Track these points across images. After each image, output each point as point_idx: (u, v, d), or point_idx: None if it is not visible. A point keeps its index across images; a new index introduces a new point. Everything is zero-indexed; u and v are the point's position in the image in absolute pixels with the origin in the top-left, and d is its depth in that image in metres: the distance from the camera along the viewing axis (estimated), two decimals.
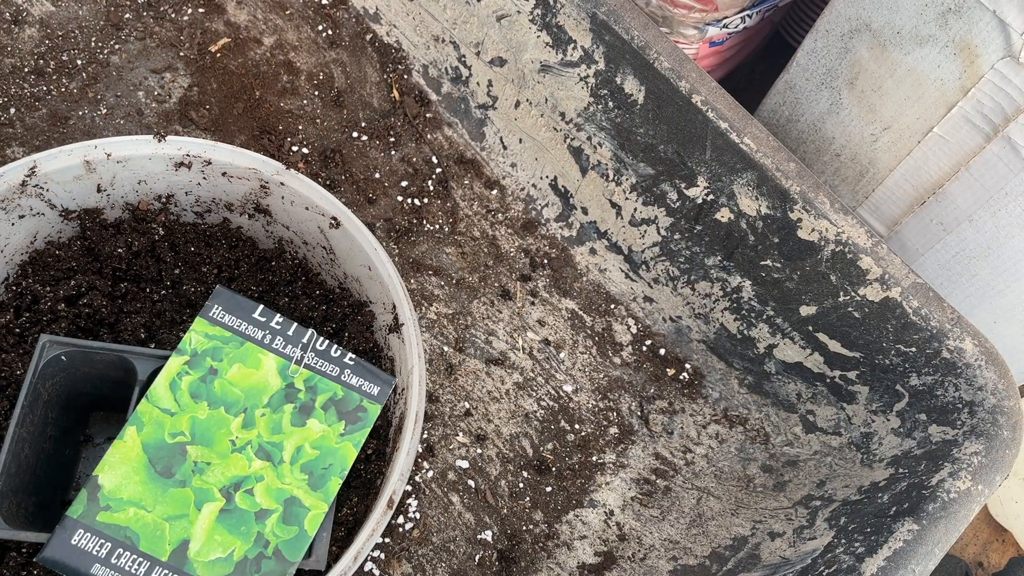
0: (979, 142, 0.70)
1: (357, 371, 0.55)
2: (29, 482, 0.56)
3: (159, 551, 0.49)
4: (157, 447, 0.51)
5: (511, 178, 0.80)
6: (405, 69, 0.82)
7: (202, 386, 0.53)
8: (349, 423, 0.55)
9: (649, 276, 0.76)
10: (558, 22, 0.70)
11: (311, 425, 0.54)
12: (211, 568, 0.50)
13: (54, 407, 0.59)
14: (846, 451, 0.66)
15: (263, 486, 0.52)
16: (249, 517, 0.51)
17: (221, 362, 0.53)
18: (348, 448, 0.54)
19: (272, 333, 0.54)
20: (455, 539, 0.66)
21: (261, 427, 0.53)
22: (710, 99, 0.64)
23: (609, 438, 0.71)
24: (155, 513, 0.50)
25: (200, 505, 0.51)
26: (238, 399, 0.53)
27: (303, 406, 0.54)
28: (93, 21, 0.80)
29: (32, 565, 0.58)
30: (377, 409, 0.55)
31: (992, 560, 0.99)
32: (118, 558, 0.49)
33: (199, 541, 0.50)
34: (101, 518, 0.49)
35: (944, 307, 0.61)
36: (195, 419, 0.52)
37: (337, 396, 0.55)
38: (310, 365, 0.55)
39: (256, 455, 0.53)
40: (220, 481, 0.51)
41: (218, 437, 0.52)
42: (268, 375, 0.54)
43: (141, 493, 0.50)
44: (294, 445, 0.53)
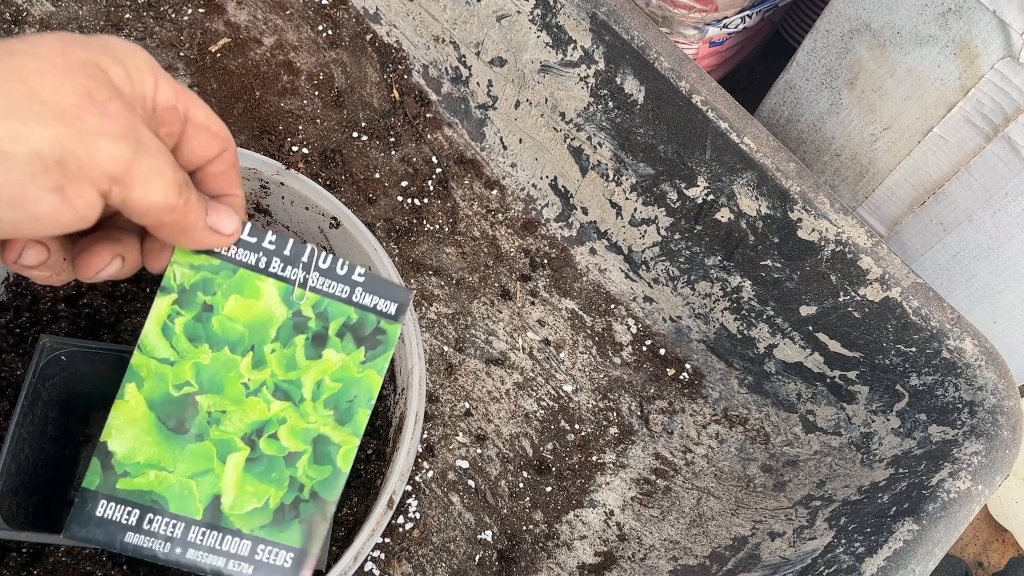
0: (979, 142, 0.70)
1: (369, 287, 0.49)
2: (29, 482, 0.56)
3: (191, 510, 0.46)
4: (163, 403, 0.46)
5: (511, 178, 0.80)
6: (405, 69, 0.82)
7: (199, 326, 0.47)
8: (369, 349, 0.49)
9: (649, 276, 0.76)
10: (558, 22, 0.70)
11: (328, 356, 0.48)
12: (249, 519, 0.47)
13: (54, 407, 0.59)
14: (846, 451, 0.66)
15: (287, 428, 0.48)
16: (278, 462, 0.47)
17: (215, 296, 0.47)
18: (371, 376, 0.49)
19: (267, 255, 0.47)
20: (455, 539, 0.66)
21: (274, 365, 0.48)
22: (710, 99, 0.64)
23: (609, 438, 0.71)
24: (177, 473, 0.46)
25: (223, 457, 0.47)
26: (242, 336, 0.48)
27: (316, 336, 0.48)
28: (93, 21, 0.80)
29: (33, 565, 0.58)
30: (397, 329, 0.49)
31: (992, 560, 0.99)
32: (149, 523, 0.45)
33: (231, 494, 0.47)
34: (121, 485, 0.45)
35: (944, 307, 0.61)
36: (199, 365, 0.47)
37: (351, 320, 0.48)
38: (316, 288, 0.48)
39: (274, 396, 0.48)
40: (240, 429, 0.47)
41: (228, 382, 0.47)
42: (271, 304, 0.48)
43: (158, 454, 0.46)
44: (313, 380, 0.48)
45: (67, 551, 0.59)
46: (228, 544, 0.46)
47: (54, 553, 0.58)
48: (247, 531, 0.46)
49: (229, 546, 0.46)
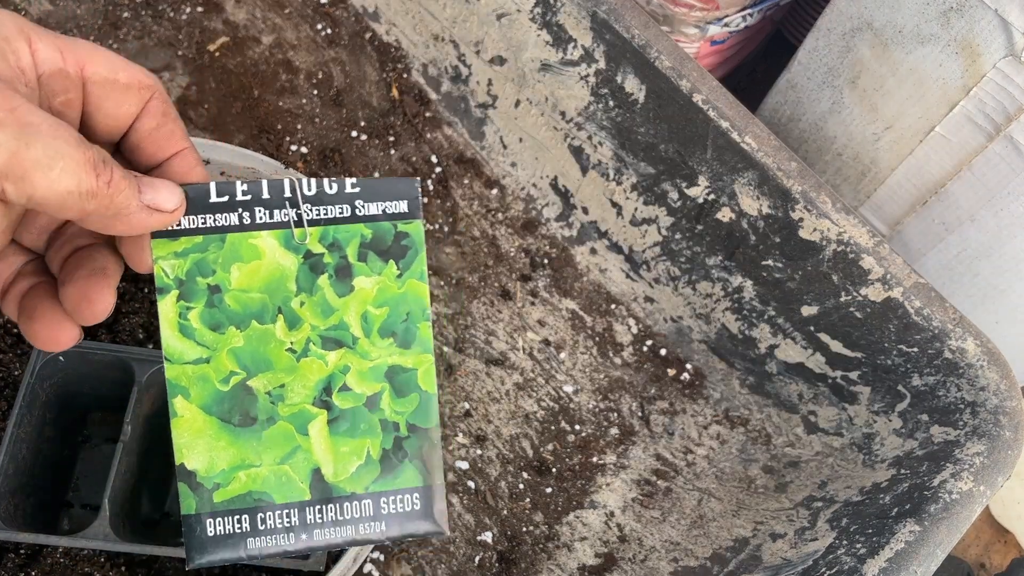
0: (981, 141, 0.69)
1: (369, 195, 0.44)
2: (27, 483, 0.56)
3: (298, 494, 0.43)
4: (218, 402, 0.43)
5: (511, 177, 0.80)
6: (404, 68, 0.82)
7: (215, 312, 0.43)
8: (399, 259, 0.44)
9: (650, 276, 0.75)
10: (558, 21, 0.69)
11: (359, 285, 0.44)
12: (358, 479, 0.43)
13: (52, 408, 0.58)
14: (848, 452, 0.66)
15: (354, 374, 0.44)
16: (360, 412, 0.44)
17: (215, 274, 0.43)
18: (414, 285, 0.44)
19: (247, 207, 0.42)
20: (455, 540, 0.65)
21: (309, 318, 0.44)
22: (711, 98, 0.64)
23: (610, 439, 0.71)
24: (266, 463, 0.43)
25: (304, 430, 0.43)
26: (264, 303, 0.44)
27: (338, 269, 0.44)
28: (91, 20, 0.80)
29: (31, 566, 0.58)
30: (418, 226, 0.45)
31: (994, 561, 0.99)
32: (263, 523, 0.42)
33: (329, 463, 0.43)
34: (218, 498, 0.42)
35: (946, 307, 0.60)
36: (235, 351, 0.43)
37: (366, 237, 0.44)
38: (314, 219, 0.44)
39: (324, 348, 0.44)
40: (306, 396, 0.44)
41: (273, 354, 0.44)
42: (277, 258, 0.43)
43: (238, 454, 0.43)
44: (356, 316, 0.44)
45: (65, 552, 0.58)
46: (349, 511, 0.43)
47: (52, 554, 0.58)
48: (362, 491, 0.43)
49: (352, 512, 0.43)
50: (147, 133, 0.36)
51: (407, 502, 0.44)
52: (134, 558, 0.59)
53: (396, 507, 0.44)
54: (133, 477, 0.58)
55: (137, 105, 0.35)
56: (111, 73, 0.34)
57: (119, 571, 0.58)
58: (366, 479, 0.43)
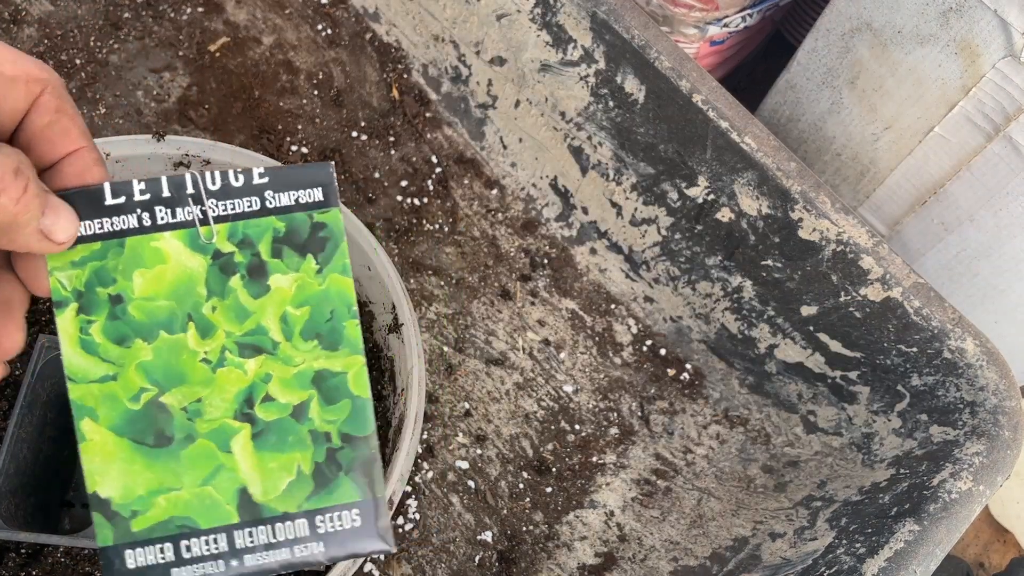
0: (980, 141, 0.70)
1: (279, 184, 0.40)
2: (27, 483, 0.56)
3: (223, 517, 0.39)
4: (129, 422, 0.39)
5: (511, 177, 0.80)
6: (405, 68, 0.82)
7: (119, 324, 0.39)
8: (317, 252, 0.41)
9: (649, 276, 0.75)
10: (558, 21, 0.70)
11: (276, 284, 0.41)
12: (289, 498, 0.40)
13: (52, 408, 0.59)
14: (847, 451, 0.66)
15: (277, 383, 0.41)
16: (287, 424, 0.40)
17: (116, 283, 0.39)
18: (337, 280, 0.41)
19: (146, 207, 0.38)
20: (455, 540, 0.65)
21: (223, 324, 0.40)
22: (711, 98, 0.64)
23: (609, 439, 0.71)
24: (187, 486, 0.39)
25: (226, 447, 0.40)
26: (171, 311, 0.40)
27: (251, 268, 0.40)
28: (92, 20, 0.80)
29: (31, 565, 0.58)
30: (336, 215, 0.41)
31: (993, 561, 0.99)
32: (188, 550, 0.39)
33: (256, 481, 0.40)
34: (137, 527, 0.39)
35: (945, 307, 0.61)
36: (144, 365, 0.39)
37: (279, 231, 0.40)
38: (221, 215, 0.40)
39: (243, 356, 0.40)
40: (226, 409, 0.40)
41: (186, 366, 0.40)
42: (182, 260, 0.39)
43: (155, 478, 0.39)
44: (275, 318, 0.41)
45: (66, 551, 0.58)
46: (283, 532, 0.40)
47: (52, 553, 0.58)
48: (295, 510, 0.40)
49: (285, 533, 0.40)
50: (39, 130, 0.32)
51: (346, 519, 0.40)
52: None
53: (334, 525, 0.40)
54: None
55: (25, 100, 0.32)
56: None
57: None
58: (299, 496, 0.40)
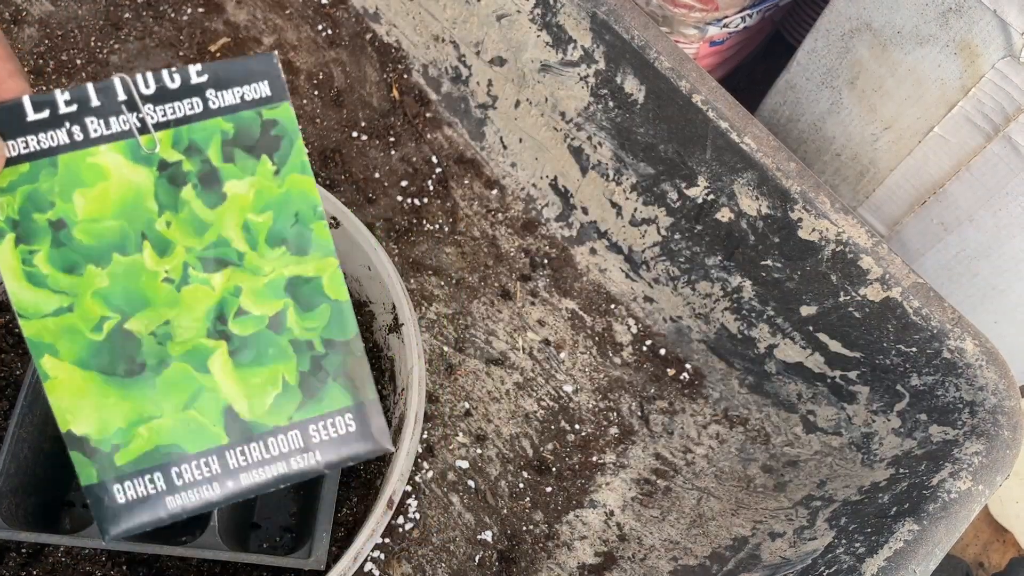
0: (980, 142, 0.70)
1: (220, 82, 0.36)
2: (28, 482, 0.56)
3: (213, 439, 0.37)
4: (95, 354, 0.36)
5: (511, 178, 0.80)
6: (405, 68, 0.82)
7: (66, 251, 0.36)
8: (272, 152, 0.37)
9: (649, 276, 0.75)
10: (558, 21, 0.70)
11: (232, 190, 0.37)
12: (278, 411, 0.38)
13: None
14: (847, 451, 0.66)
15: (249, 295, 0.38)
16: (265, 336, 0.38)
17: (54, 207, 0.35)
18: (297, 181, 0.38)
19: (75, 120, 0.35)
20: (455, 539, 0.65)
21: (181, 239, 0.37)
22: (710, 99, 0.64)
23: (609, 438, 0.71)
24: (168, 413, 0.37)
25: (203, 367, 0.37)
26: (122, 230, 0.36)
27: (202, 176, 0.37)
28: (92, 21, 0.80)
29: (32, 565, 0.58)
30: (287, 109, 0.38)
31: (993, 560, 0.99)
32: (180, 477, 0.37)
33: (241, 398, 0.38)
34: (121, 460, 0.36)
35: (945, 307, 0.61)
36: (101, 292, 0.36)
37: (228, 133, 0.37)
38: (162, 122, 0.36)
39: (207, 271, 0.37)
40: (198, 329, 0.37)
41: (147, 288, 0.37)
42: (125, 174, 0.36)
43: (134, 408, 0.37)
44: (236, 227, 0.37)
45: (66, 551, 0.58)
46: (275, 446, 0.38)
47: (53, 553, 0.58)
48: (285, 423, 0.38)
49: (278, 447, 0.38)
50: None
51: (340, 424, 0.39)
52: (135, 557, 0.60)
53: (328, 432, 0.38)
54: None
55: None
56: None
57: (120, 570, 0.59)
58: (288, 409, 0.38)
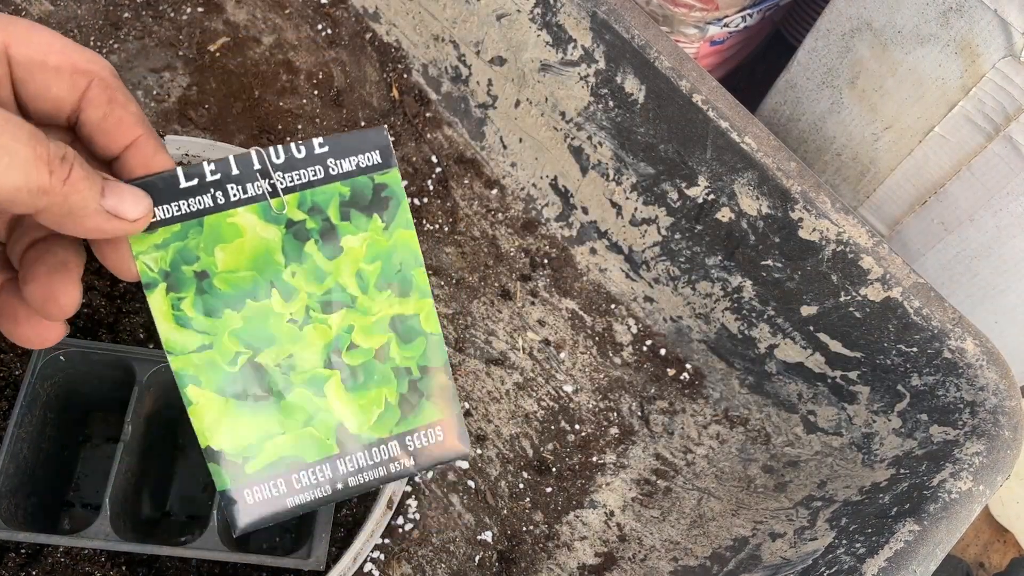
0: (980, 141, 0.70)
1: (339, 152, 0.43)
2: (28, 482, 0.56)
3: (326, 450, 0.44)
4: (231, 383, 0.43)
5: (511, 177, 0.80)
6: (405, 68, 0.82)
7: (208, 298, 0.42)
8: (382, 211, 0.44)
9: (649, 276, 0.75)
10: (558, 21, 0.70)
11: (347, 244, 0.44)
12: (381, 426, 0.45)
13: (53, 407, 0.59)
14: (847, 451, 0.66)
15: (359, 331, 0.45)
16: (371, 366, 0.45)
17: (199, 260, 0.42)
18: (402, 235, 0.44)
19: (218, 187, 0.41)
20: (455, 540, 0.65)
21: (304, 286, 0.44)
22: (711, 98, 0.64)
23: (609, 438, 0.71)
24: (290, 430, 0.44)
25: (320, 393, 0.44)
26: (255, 280, 0.43)
27: (323, 233, 0.43)
28: (92, 20, 0.80)
29: (31, 565, 0.58)
30: (395, 173, 0.44)
31: (993, 561, 0.99)
32: (299, 481, 0.43)
33: (350, 418, 0.45)
34: (251, 469, 0.43)
35: (945, 307, 0.61)
36: (236, 332, 0.43)
37: (345, 196, 0.43)
38: (289, 187, 0.42)
39: (325, 312, 0.44)
40: (316, 361, 0.44)
41: (274, 328, 0.43)
42: (259, 232, 0.42)
43: (262, 427, 0.43)
44: (351, 275, 0.44)
45: (66, 551, 0.58)
46: (379, 455, 0.45)
47: (52, 553, 0.58)
48: (387, 435, 0.45)
49: (381, 455, 0.45)
50: (95, 123, 0.33)
51: (431, 435, 0.46)
52: (135, 557, 0.59)
53: (422, 441, 0.46)
54: (134, 476, 0.58)
55: (70, 91, 0.32)
56: (40, 55, 0.31)
57: (120, 570, 0.59)
58: (389, 423, 0.45)
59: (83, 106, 0.33)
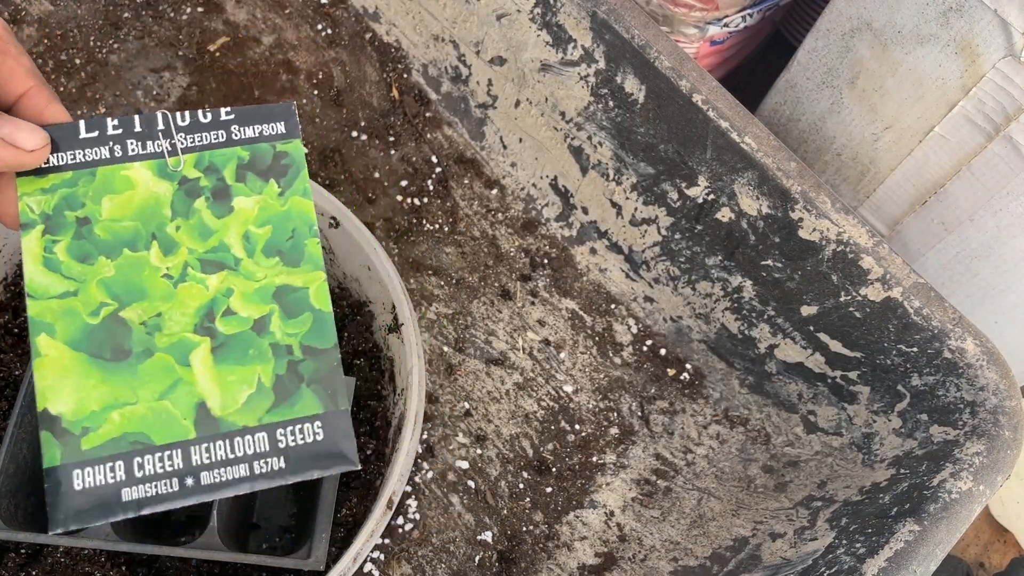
0: (980, 141, 0.70)
1: (244, 119, 0.42)
2: (27, 482, 0.56)
3: (180, 432, 0.39)
4: (87, 337, 0.39)
5: (511, 177, 0.80)
6: (405, 68, 0.82)
7: (84, 244, 0.40)
8: (279, 177, 0.43)
9: (650, 276, 0.75)
10: (558, 21, 0.70)
11: (239, 205, 0.42)
12: (250, 410, 0.40)
13: None
14: (847, 451, 0.66)
15: (238, 297, 0.41)
16: (248, 337, 0.41)
17: (84, 207, 0.40)
18: (298, 202, 0.43)
19: (118, 141, 0.40)
20: (455, 540, 0.65)
21: (186, 241, 0.41)
22: (711, 98, 0.64)
23: (609, 438, 0.71)
24: (143, 400, 0.39)
25: (184, 360, 0.40)
26: (136, 231, 0.41)
27: (215, 191, 0.42)
28: (91, 20, 0.80)
29: (31, 566, 0.58)
30: (298, 145, 0.43)
31: (993, 561, 0.99)
32: (141, 468, 0.38)
33: (215, 395, 0.40)
34: (87, 444, 0.38)
35: (945, 307, 0.60)
36: (105, 281, 0.40)
37: (243, 159, 0.42)
38: (189, 147, 0.42)
39: (205, 272, 0.41)
40: (186, 323, 0.40)
41: (147, 281, 0.40)
42: (150, 186, 0.41)
43: (111, 392, 0.39)
44: (238, 236, 0.42)
45: (66, 551, 0.58)
46: (241, 447, 0.39)
47: (52, 554, 0.58)
48: (255, 423, 0.40)
49: (244, 448, 0.39)
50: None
51: (308, 432, 0.40)
52: (135, 557, 0.59)
53: (295, 438, 0.40)
54: None
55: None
56: None
57: (119, 571, 0.59)
58: (259, 409, 0.40)
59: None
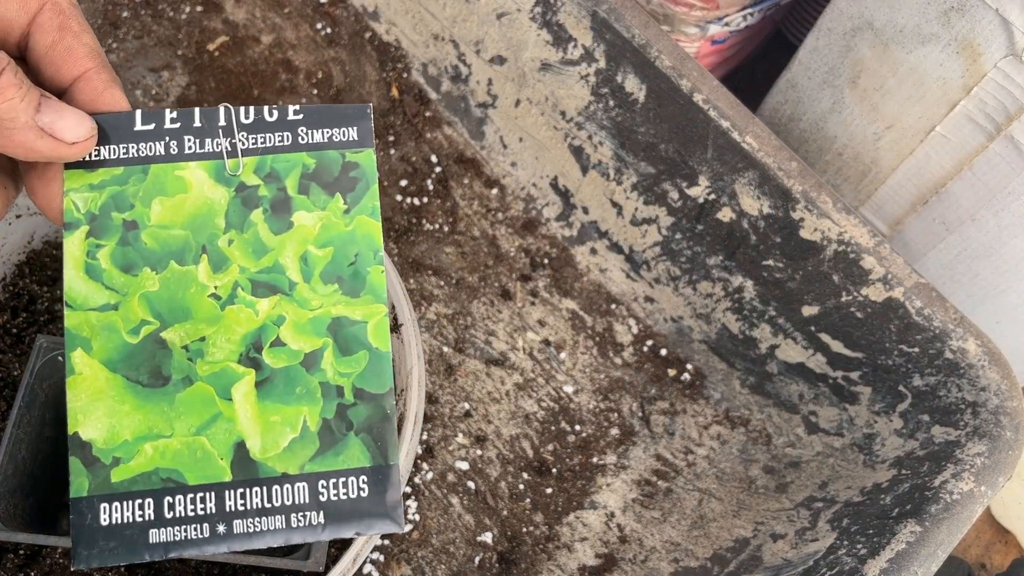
0: (982, 141, 0.69)
1: (313, 122, 0.38)
2: (26, 483, 0.56)
3: (215, 473, 0.36)
4: (124, 357, 0.36)
5: (511, 177, 0.79)
6: (404, 67, 0.82)
7: (129, 251, 0.36)
8: (347, 192, 0.38)
9: (650, 276, 0.75)
10: (558, 20, 0.69)
11: (299, 220, 0.38)
12: (291, 456, 0.36)
13: (51, 408, 0.58)
14: (848, 452, 0.66)
15: (290, 327, 0.37)
16: (296, 373, 0.37)
17: (133, 209, 0.36)
18: (365, 223, 0.38)
19: (175, 136, 0.37)
20: (455, 541, 0.65)
21: (238, 258, 0.37)
22: (712, 98, 0.64)
23: (610, 439, 0.71)
24: (178, 434, 0.36)
25: (226, 394, 0.36)
26: (185, 241, 0.37)
27: (274, 202, 0.38)
28: (91, 20, 0.80)
29: (30, 567, 0.58)
30: (370, 155, 0.39)
31: (995, 562, 0.99)
32: (171, 509, 0.35)
33: (256, 435, 0.36)
34: (117, 477, 0.35)
35: (947, 307, 0.60)
36: (148, 296, 0.36)
37: (308, 167, 0.38)
38: (251, 149, 0.38)
39: (255, 294, 0.37)
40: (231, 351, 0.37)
41: (192, 301, 0.37)
42: (205, 190, 0.37)
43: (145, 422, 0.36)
44: (295, 256, 0.38)
45: (64, 553, 0.58)
46: (279, 496, 0.36)
47: (51, 555, 0.58)
48: (295, 471, 0.36)
49: (282, 498, 0.36)
50: (44, 51, 0.31)
51: (352, 487, 0.37)
52: None
53: (338, 492, 0.36)
54: None
55: (19, 12, 0.30)
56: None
57: (119, 571, 0.58)
58: (301, 456, 0.36)
59: (32, 31, 0.30)
